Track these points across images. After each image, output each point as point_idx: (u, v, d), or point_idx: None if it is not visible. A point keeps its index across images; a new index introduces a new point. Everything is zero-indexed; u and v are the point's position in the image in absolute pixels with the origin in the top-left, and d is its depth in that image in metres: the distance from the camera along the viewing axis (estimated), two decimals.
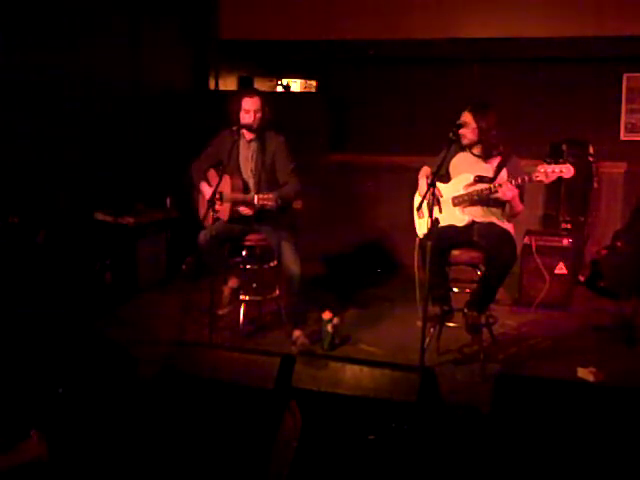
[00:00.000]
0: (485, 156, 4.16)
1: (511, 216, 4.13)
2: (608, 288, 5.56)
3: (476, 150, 4.19)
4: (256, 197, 4.16)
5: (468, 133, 4.09)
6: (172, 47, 6.85)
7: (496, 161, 4.15)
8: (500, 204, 4.11)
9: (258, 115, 4.36)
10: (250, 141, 4.46)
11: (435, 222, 3.67)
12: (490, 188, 4.00)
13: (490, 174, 4.11)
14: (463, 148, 4.21)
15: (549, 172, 3.85)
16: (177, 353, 3.22)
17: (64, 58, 5.39)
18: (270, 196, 4.12)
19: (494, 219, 4.14)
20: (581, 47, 6.15)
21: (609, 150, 6.17)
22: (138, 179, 6.06)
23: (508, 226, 4.16)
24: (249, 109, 4.34)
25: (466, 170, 4.17)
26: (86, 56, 5.60)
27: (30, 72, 5.07)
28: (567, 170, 3.85)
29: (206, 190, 4.47)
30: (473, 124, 4.07)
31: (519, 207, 4.05)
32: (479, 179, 4.10)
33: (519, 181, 3.91)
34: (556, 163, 3.92)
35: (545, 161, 3.92)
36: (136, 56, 6.23)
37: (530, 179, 3.91)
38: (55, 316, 4.51)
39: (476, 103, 4.14)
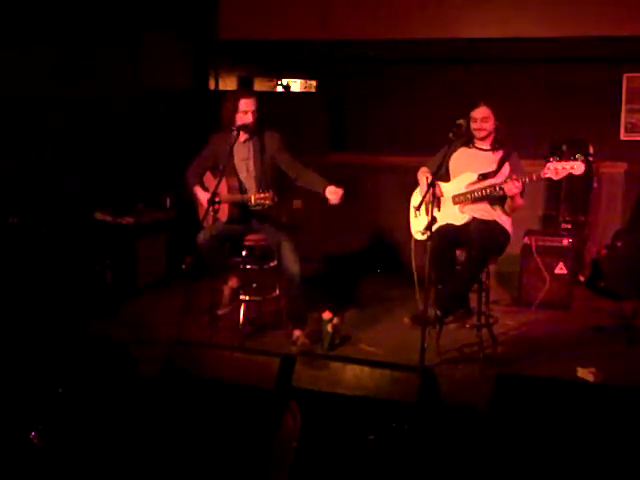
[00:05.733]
0: (494, 148, 4.19)
1: (511, 211, 4.14)
2: (608, 288, 5.56)
3: (484, 144, 4.20)
4: (253, 197, 4.16)
5: (487, 126, 4.15)
6: (172, 47, 6.85)
7: (498, 155, 4.18)
8: (499, 200, 4.12)
9: (255, 115, 4.36)
10: (245, 141, 4.46)
11: (433, 221, 3.68)
12: (495, 186, 4.00)
13: (493, 167, 4.14)
14: (463, 144, 4.22)
15: (559, 169, 3.84)
16: (177, 353, 3.21)
17: (65, 59, 5.40)
18: (267, 195, 4.11)
19: (494, 215, 4.15)
20: (581, 47, 6.15)
21: (609, 150, 6.17)
22: (138, 179, 6.06)
23: (506, 221, 4.17)
24: (247, 110, 4.33)
25: (467, 166, 4.19)
26: (86, 56, 5.60)
27: (30, 73, 5.07)
28: (578, 167, 3.83)
29: (201, 194, 4.48)
30: (492, 116, 4.13)
31: (520, 202, 4.06)
32: (483, 177, 4.11)
33: (526, 179, 3.91)
34: (567, 160, 3.90)
35: (553, 158, 3.92)
36: (136, 56, 6.23)
37: (539, 176, 3.90)
38: (55, 316, 4.52)
39: (485, 98, 4.20)
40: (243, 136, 4.43)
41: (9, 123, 4.95)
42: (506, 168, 4.12)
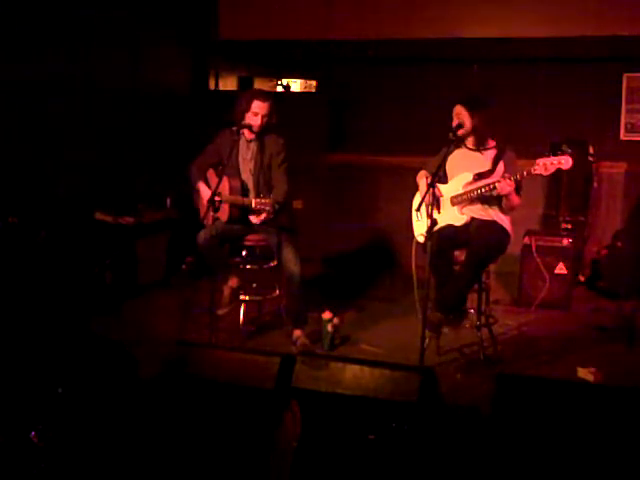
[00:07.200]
0: (479, 147, 4.19)
1: (509, 209, 4.13)
2: (608, 288, 5.56)
3: (470, 144, 4.21)
4: (254, 201, 4.15)
5: (461, 122, 4.12)
6: (172, 48, 6.85)
7: (492, 153, 4.18)
8: (497, 199, 4.12)
9: (265, 119, 4.35)
10: (250, 141, 4.46)
11: (433, 223, 3.67)
12: (489, 185, 4.00)
13: (487, 167, 4.13)
14: (459, 145, 4.21)
15: (548, 164, 3.85)
16: (177, 353, 3.21)
17: (64, 59, 5.40)
18: (267, 201, 4.10)
19: (493, 215, 4.15)
20: (581, 47, 6.15)
21: (609, 150, 6.17)
22: (138, 179, 6.06)
23: (506, 220, 4.17)
24: (258, 112, 4.32)
25: (464, 167, 4.19)
26: (86, 57, 5.60)
27: (30, 73, 5.07)
28: (566, 161, 3.84)
29: (204, 190, 4.47)
30: (465, 114, 4.10)
31: (516, 201, 4.05)
32: (478, 177, 4.12)
33: (518, 176, 3.92)
34: (554, 155, 3.92)
35: (543, 154, 3.95)
36: (136, 57, 6.23)
37: (529, 172, 3.91)
38: (55, 316, 4.52)
39: (467, 96, 4.21)
40: (249, 135, 4.42)
41: (9, 123, 4.96)
42: (501, 167, 4.12)
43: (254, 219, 4.30)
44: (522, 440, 2.65)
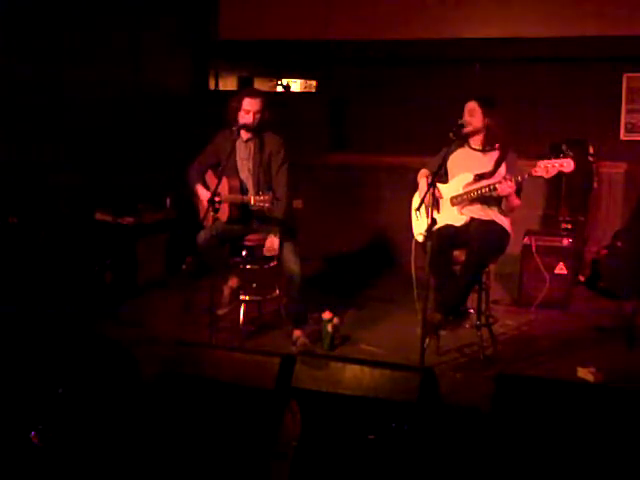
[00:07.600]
0: (485, 148, 4.18)
1: (509, 211, 4.13)
2: (608, 288, 5.55)
3: (475, 143, 4.20)
4: (253, 199, 4.16)
5: (473, 121, 4.12)
6: (172, 48, 6.85)
7: (495, 155, 4.17)
8: (497, 200, 4.12)
9: (257, 116, 4.35)
10: (247, 140, 4.46)
11: (433, 223, 3.67)
12: (489, 187, 4.00)
13: (489, 168, 4.13)
14: (461, 144, 4.21)
15: (549, 167, 3.85)
16: (177, 353, 3.21)
17: (65, 59, 5.40)
18: (266, 197, 4.12)
19: (492, 215, 4.15)
20: (581, 47, 6.15)
21: (609, 150, 6.17)
22: (138, 179, 6.06)
23: (505, 221, 4.17)
24: (249, 110, 4.33)
25: (465, 167, 4.18)
26: (86, 57, 5.60)
27: (31, 73, 5.08)
28: (567, 164, 3.84)
29: (202, 193, 4.48)
30: (480, 112, 4.10)
31: (516, 202, 4.06)
32: (479, 177, 4.11)
33: (519, 178, 3.92)
34: (556, 158, 3.91)
35: (545, 157, 3.95)
36: (136, 57, 6.23)
37: (530, 174, 3.91)
38: (55, 316, 4.52)
39: (483, 95, 4.20)
40: (245, 135, 4.43)
41: (9, 123, 4.96)
42: (503, 168, 4.11)
43: (266, 251, 4.32)
44: (522, 440, 2.65)
